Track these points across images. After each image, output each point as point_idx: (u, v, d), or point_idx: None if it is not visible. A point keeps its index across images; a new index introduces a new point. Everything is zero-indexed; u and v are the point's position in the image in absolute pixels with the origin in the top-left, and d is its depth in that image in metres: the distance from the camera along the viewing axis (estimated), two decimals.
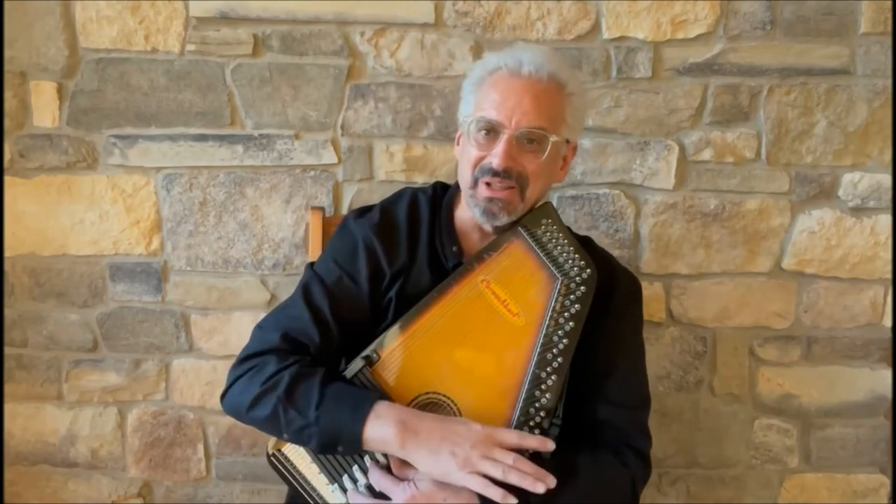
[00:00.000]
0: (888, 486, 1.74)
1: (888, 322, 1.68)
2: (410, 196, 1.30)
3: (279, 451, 1.17)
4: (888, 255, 1.65)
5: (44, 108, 1.61)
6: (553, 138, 1.16)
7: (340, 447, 1.09)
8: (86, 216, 1.66)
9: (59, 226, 1.66)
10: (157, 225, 1.66)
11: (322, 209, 1.55)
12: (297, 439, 1.12)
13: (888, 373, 1.69)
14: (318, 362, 1.15)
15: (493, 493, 1.02)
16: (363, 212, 1.30)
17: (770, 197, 1.64)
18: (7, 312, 1.70)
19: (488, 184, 1.16)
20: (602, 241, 1.51)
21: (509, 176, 1.15)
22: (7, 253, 1.67)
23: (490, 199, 1.17)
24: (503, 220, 1.18)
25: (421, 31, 1.58)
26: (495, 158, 1.15)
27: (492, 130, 1.16)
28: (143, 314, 1.70)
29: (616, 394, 1.20)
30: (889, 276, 1.66)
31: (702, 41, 1.58)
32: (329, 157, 1.63)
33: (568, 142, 1.23)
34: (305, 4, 1.57)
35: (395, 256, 1.23)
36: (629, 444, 1.18)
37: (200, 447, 1.75)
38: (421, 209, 1.28)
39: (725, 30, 1.58)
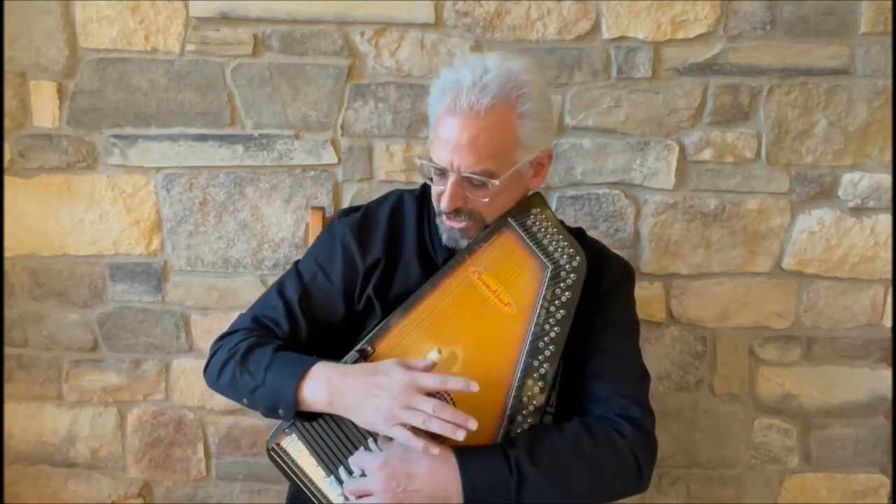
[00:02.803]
0: (888, 486, 1.74)
1: (888, 322, 1.68)
2: (397, 196, 1.33)
3: (277, 444, 1.18)
4: (888, 255, 1.65)
5: (44, 108, 1.61)
6: (493, 182, 1.13)
7: (281, 409, 1.12)
8: (86, 216, 1.66)
9: (59, 226, 1.66)
10: (157, 225, 1.66)
11: (322, 209, 1.55)
12: (252, 402, 1.16)
13: (888, 373, 1.69)
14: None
15: (416, 444, 1.03)
16: (349, 211, 1.33)
17: (770, 197, 1.64)
18: (7, 312, 1.70)
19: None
20: (602, 241, 1.50)
21: (460, 214, 1.17)
22: (7, 253, 1.67)
23: (451, 229, 1.19)
24: (464, 244, 1.20)
25: (421, 31, 1.58)
26: (444, 201, 1.15)
27: (441, 172, 1.16)
28: (143, 314, 1.70)
29: (606, 370, 1.19)
30: (889, 276, 1.66)
31: (702, 41, 1.58)
32: (329, 157, 1.63)
33: (533, 156, 1.18)
34: (305, 4, 1.57)
35: (369, 253, 1.26)
36: (622, 414, 1.15)
37: (200, 447, 1.75)
38: (406, 207, 1.30)
39: (725, 30, 1.58)
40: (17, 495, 1.76)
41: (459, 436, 1.03)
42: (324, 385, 1.10)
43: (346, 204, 1.64)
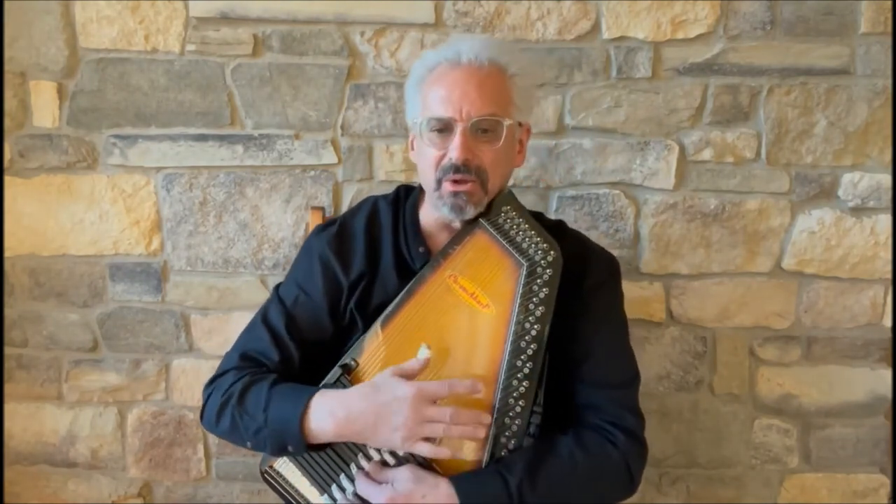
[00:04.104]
0: (888, 486, 1.74)
1: (888, 322, 1.68)
2: (371, 204, 1.31)
3: (271, 467, 1.18)
4: (888, 255, 1.65)
5: (44, 108, 1.62)
6: (506, 122, 1.16)
7: (290, 446, 1.10)
8: (86, 216, 1.66)
9: (58, 226, 1.66)
10: (157, 225, 1.66)
11: (322, 209, 1.55)
12: (257, 445, 1.14)
13: (888, 373, 1.69)
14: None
15: (444, 453, 1.05)
16: (326, 226, 1.31)
17: (770, 197, 1.64)
18: (7, 312, 1.70)
19: (454, 180, 1.15)
20: (602, 241, 1.51)
21: (469, 170, 1.14)
22: (7, 253, 1.67)
23: (455, 194, 1.15)
24: (470, 212, 1.17)
25: (421, 31, 1.58)
26: (454, 152, 1.14)
27: (445, 127, 1.15)
28: (143, 314, 1.70)
29: (598, 374, 1.18)
30: (889, 276, 1.66)
31: (702, 41, 1.59)
32: (329, 157, 1.63)
33: (521, 124, 1.22)
34: (305, 4, 1.57)
35: (351, 267, 1.24)
36: (616, 423, 1.15)
37: (200, 447, 1.75)
38: (381, 216, 1.28)
39: (725, 30, 1.58)
40: (17, 495, 1.76)
41: (480, 433, 1.05)
42: (328, 416, 1.08)
43: (345, 204, 1.64)
